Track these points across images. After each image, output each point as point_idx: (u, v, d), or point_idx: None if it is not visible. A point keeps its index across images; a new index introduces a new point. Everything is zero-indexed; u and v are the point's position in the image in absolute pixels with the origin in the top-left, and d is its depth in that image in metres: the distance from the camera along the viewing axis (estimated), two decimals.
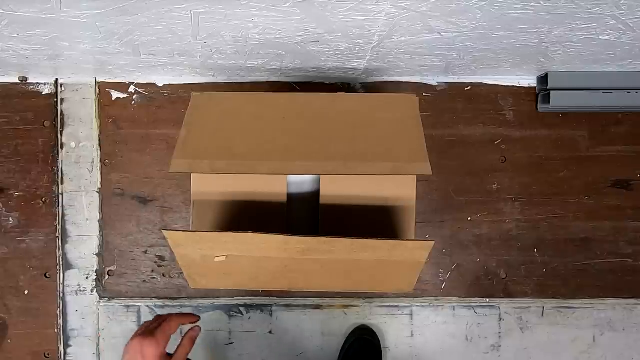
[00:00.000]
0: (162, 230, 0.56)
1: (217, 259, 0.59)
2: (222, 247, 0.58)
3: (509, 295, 0.96)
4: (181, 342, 0.65)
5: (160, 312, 0.95)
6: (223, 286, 0.64)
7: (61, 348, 0.96)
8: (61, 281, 0.96)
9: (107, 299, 0.96)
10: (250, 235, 0.55)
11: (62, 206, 0.96)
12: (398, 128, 0.65)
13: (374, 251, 0.57)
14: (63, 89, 0.95)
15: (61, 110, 0.96)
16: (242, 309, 0.96)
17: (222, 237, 0.56)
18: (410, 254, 0.58)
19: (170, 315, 0.64)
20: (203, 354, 0.96)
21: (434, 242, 0.56)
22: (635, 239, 0.95)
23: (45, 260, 0.96)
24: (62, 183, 0.96)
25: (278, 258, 0.59)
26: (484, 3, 0.56)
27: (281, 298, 0.96)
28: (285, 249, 0.57)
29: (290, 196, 0.68)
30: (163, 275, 0.96)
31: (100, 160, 0.96)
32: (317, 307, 0.96)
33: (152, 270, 0.96)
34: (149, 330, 0.60)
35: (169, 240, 0.57)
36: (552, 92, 0.89)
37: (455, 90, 0.95)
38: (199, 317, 0.70)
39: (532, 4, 0.56)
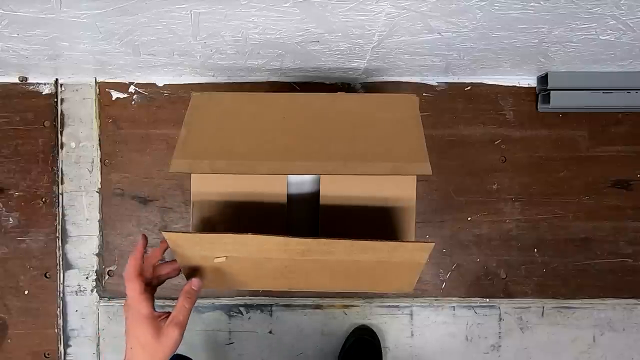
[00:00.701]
0: (162, 232, 0.55)
1: (216, 260, 0.59)
2: (222, 248, 0.58)
3: (509, 295, 0.96)
4: (177, 303, 0.56)
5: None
6: (223, 286, 0.64)
7: (61, 348, 0.96)
8: (61, 281, 0.96)
9: (107, 299, 0.96)
10: (250, 237, 0.55)
11: (62, 206, 0.96)
12: (398, 128, 0.65)
13: (374, 252, 0.57)
14: (63, 89, 0.95)
15: (61, 110, 0.96)
16: (242, 309, 0.96)
17: (221, 239, 0.56)
18: (410, 255, 0.57)
19: (125, 277, 0.56)
20: (203, 354, 0.96)
21: (434, 244, 0.55)
22: (635, 239, 0.95)
23: (45, 260, 0.96)
24: (62, 183, 0.96)
25: (278, 259, 0.59)
26: (484, 3, 0.56)
27: (281, 298, 0.96)
28: (285, 250, 0.57)
29: (290, 196, 0.68)
30: None
31: (100, 160, 0.96)
32: (317, 307, 0.96)
33: None
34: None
35: (168, 241, 0.57)
36: (552, 92, 0.89)
37: (455, 90, 0.95)
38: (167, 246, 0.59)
39: (532, 4, 0.56)
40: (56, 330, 0.96)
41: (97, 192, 0.96)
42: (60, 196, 0.96)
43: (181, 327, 0.54)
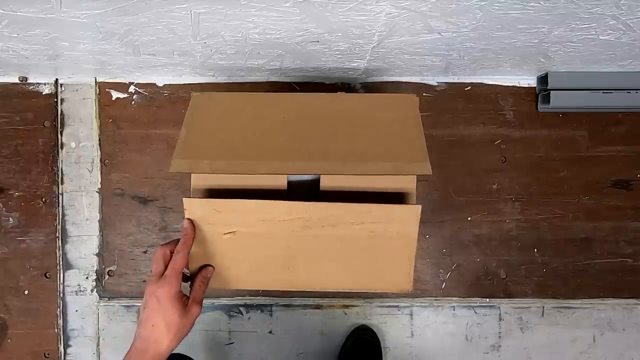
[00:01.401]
0: (183, 199, 0.59)
1: (225, 236, 0.60)
2: (232, 218, 0.59)
3: (509, 295, 0.96)
4: (195, 283, 0.60)
5: None
6: (226, 286, 0.64)
7: (61, 348, 0.96)
8: (61, 281, 0.96)
9: (107, 299, 0.96)
10: (256, 202, 0.58)
11: (62, 206, 0.96)
12: (398, 128, 0.65)
13: (369, 217, 0.59)
14: (63, 89, 0.95)
15: (61, 110, 0.96)
16: (242, 309, 0.96)
17: (232, 204, 0.59)
18: (402, 224, 0.60)
19: (176, 250, 0.59)
20: (203, 354, 0.96)
21: (420, 206, 0.59)
22: (635, 239, 0.95)
23: (45, 260, 0.96)
24: (62, 183, 0.96)
25: (281, 236, 0.60)
26: (484, 3, 0.56)
27: (281, 298, 0.96)
28: (288, 220, 0.59)
29: (290, 196, 0.68)
30: None
31: (100, 160, 0.96)
32: (317, 307, 0.96)
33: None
34: (158, 272, 0.58)
35: (186, 209, 0.59)
36: (552, 92, 0.89)
37: (455, 90, 0.95)
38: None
39: (532, 4, 0.56)
40: (56, 330, 0.96)
41: (97, 192, 0.96)
42: (60, 196, 0.96)
43: (201, 305, 0.58)
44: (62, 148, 0.96)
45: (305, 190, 0.68)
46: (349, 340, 0.94)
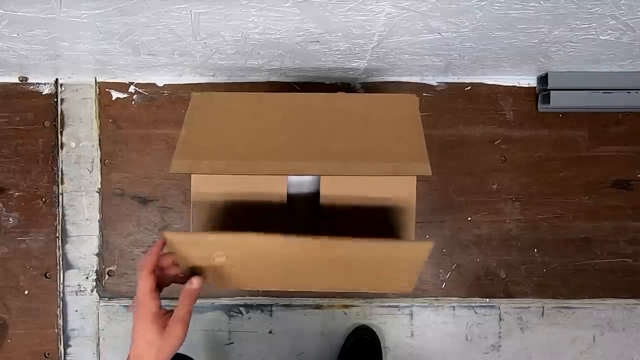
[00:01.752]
0: (162, 233, 0.56)
1: (217, 260, 0.59)
2: (222, 247, 0.57)
3: (509, 295, 0.96)
4: (179, 299, 0.56)
5: None
6: (223, 286, 0.64)
7: (61, 348, 0.96)
8: (61, 281, 0.96)
9: (107, 299, 0.96)
10: (249, 235, 0.54)
11: (62, 206, 0.96)
12: (398, 128, 0.65)
13: (374, 251, 0.57)
14: (63, 89, 0.95)
15: (61, 110, 0.96)
16: (242, 309, 0.96)
17: (221, 238, 0.56)
18: (409, 254, 0.58)
19: (137, 271, 0.56)
20: (203, 354, 0.96)
21: (432, 242, 0.54)
22: (635, 239, 0.95)
23: (45, 260, 0.96)
24: (62, 183, 0.96)
25: (278, 255, 0.59)
26: (484, 3, 0.56)
27: (281, 298, 0.96)
28: (285, 251, 0.57)
29: (290, 196, 0.68)
30: None
31: (100, 160, 0.96)
32: (317, 307, 0.96)
33: None
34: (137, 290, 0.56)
35: (168, 243, 0.55)
36: (552, 92, 0.89)
37: (455, 90, 0.95)
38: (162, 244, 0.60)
39: (532, 4, 0.56)
40: (56, 330, 0.96)
41: (97, 192, 0.96)
42: (60, 196, 0.96)
43: (184, 323, 0.55)
44: (62, 148, 0.96)
45: (305, 204, 0.68)
46: (349, 341, 0.94)
